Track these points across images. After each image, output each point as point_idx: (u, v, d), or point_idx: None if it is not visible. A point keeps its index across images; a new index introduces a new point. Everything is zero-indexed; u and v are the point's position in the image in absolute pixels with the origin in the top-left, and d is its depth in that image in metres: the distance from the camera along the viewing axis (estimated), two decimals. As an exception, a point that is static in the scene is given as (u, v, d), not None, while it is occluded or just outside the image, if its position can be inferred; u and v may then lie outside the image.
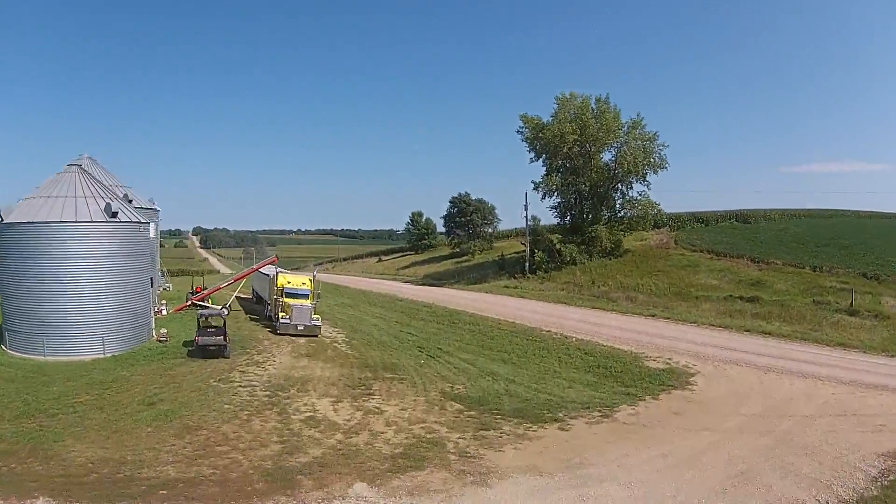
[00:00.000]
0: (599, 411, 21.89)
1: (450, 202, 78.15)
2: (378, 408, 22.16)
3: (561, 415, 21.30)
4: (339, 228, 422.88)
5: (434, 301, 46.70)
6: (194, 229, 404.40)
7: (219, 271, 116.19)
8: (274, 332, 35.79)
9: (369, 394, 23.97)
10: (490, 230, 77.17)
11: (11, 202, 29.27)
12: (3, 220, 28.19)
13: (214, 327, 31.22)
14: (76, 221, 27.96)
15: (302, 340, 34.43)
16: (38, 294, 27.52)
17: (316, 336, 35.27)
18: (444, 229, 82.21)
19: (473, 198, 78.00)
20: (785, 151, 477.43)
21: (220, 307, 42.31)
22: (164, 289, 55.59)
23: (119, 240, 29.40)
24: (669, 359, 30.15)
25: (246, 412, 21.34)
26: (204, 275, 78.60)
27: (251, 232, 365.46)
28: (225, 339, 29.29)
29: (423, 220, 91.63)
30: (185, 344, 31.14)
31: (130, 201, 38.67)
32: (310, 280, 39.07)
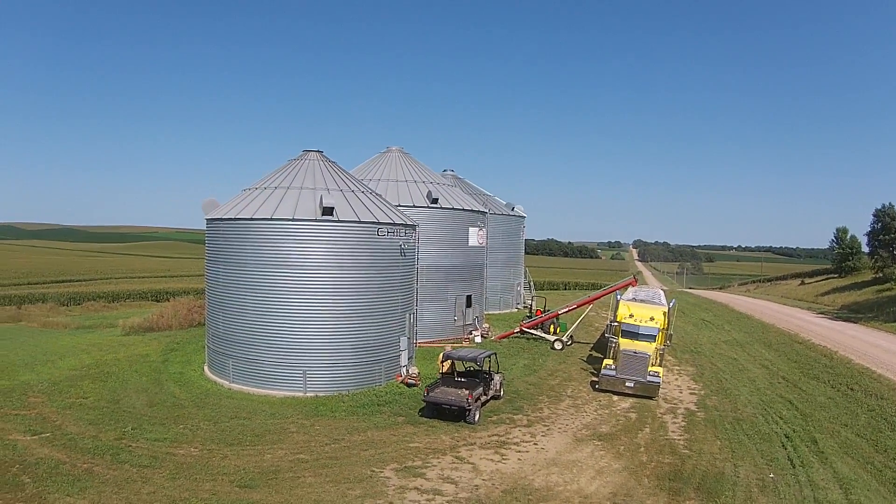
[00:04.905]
0: None
1: (873, 215, 67.89)
2: None
3: None
4: (778, 246, 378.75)
5: (836, 347, 35.72)
6: (634, 242, 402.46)
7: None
8: (594, 385, 24.79)
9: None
10: None
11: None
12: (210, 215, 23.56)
13: (466, 377, 21.02)
14: (292, 220, 21.28)
15: (625, 404, 22.72)
16: (237, 305, 22.31)
17: (651, 398, 23.39)
18: (867, 248, 71.92)
19: None
20: None
21: (555, 336, 32.56)
22: (526, 306, 47.63)
23: (341, 244, 21.69)
24: None
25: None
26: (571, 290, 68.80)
27: (691, 247, 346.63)
28: (472, 397, 18.90)
29: (848, 237, 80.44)
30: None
31: (435, 200, 31.18)
32: (663, 314, 25.91)
